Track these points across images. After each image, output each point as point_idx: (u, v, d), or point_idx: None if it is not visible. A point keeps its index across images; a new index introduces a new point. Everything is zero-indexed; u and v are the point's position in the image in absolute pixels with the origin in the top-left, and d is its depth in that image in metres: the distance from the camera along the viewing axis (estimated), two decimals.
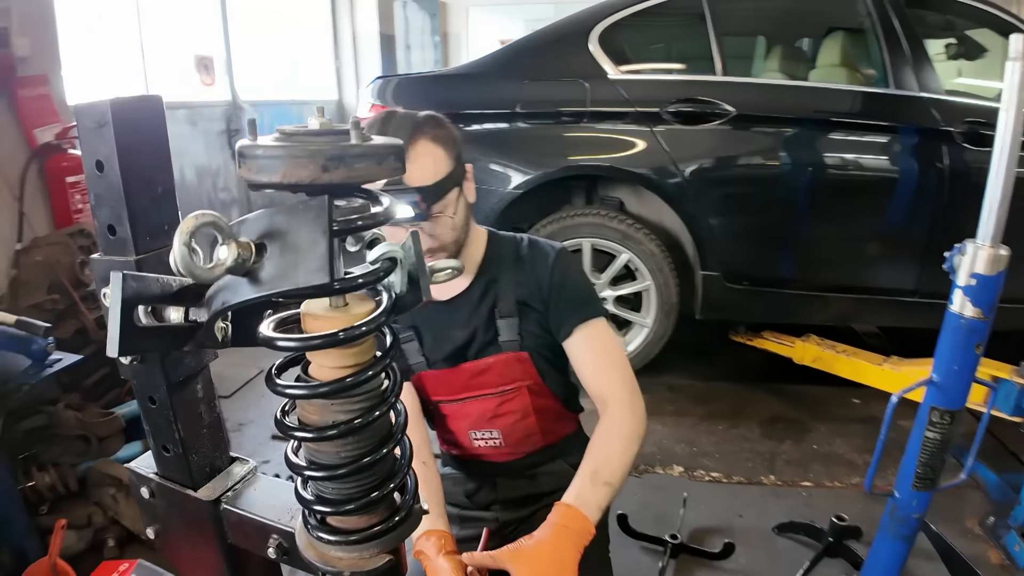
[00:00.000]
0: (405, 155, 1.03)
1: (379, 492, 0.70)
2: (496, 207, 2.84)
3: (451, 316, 1.40)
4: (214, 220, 0.54)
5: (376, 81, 3.23)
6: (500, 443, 1.46)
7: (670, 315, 2.86)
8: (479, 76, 3.05)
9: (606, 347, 1.36)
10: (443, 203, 1.23)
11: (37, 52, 2.91)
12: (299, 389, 0.65)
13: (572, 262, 1.41)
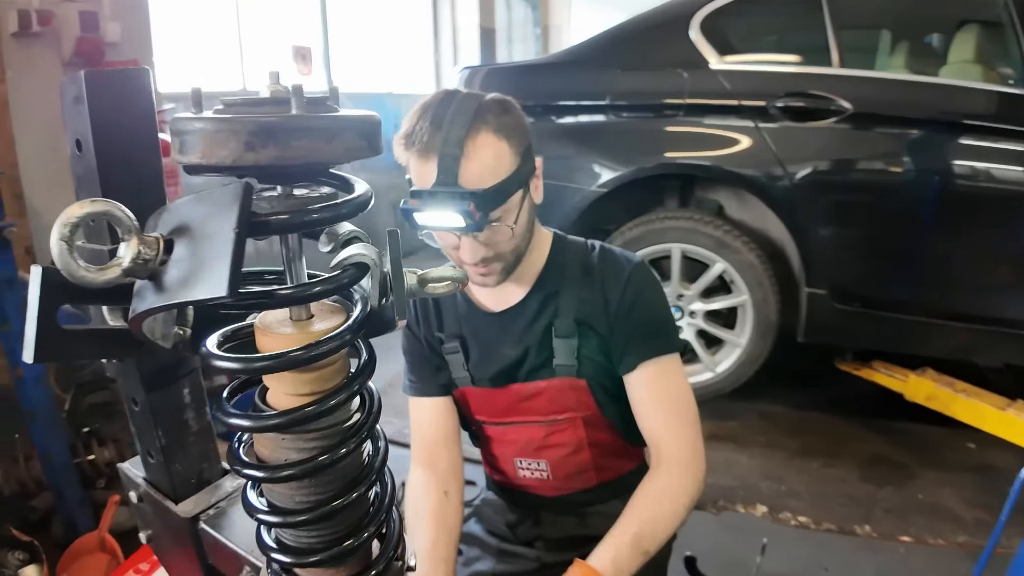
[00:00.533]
0: (462, 148, 1.00)
1: (343, 545, 0.59)
2: (578, 205, 2.69)
3: (503, 330, 1.24)
4: (108, 209, 0.43)
5: (464, 71, 3.16)
6: (548, 476, 1.30)
7: (767, 335, 2.61)
8: (568, 65, 2.91)
9: (673, 392, 1.20)
10: (503, 208, 1.05)
11: (128, 38, 3.02)
12: (238, 418, 0.54)
13: (650, 281, 1.24)
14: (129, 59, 3.04)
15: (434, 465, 1.27)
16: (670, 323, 1.25)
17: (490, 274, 1.13)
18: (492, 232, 1.07)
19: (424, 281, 0.61)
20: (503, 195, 1.03)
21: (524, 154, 1.08)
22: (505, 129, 1.05)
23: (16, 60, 2.60)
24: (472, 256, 1.09)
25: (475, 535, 1.41)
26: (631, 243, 2.64)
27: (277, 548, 0.61)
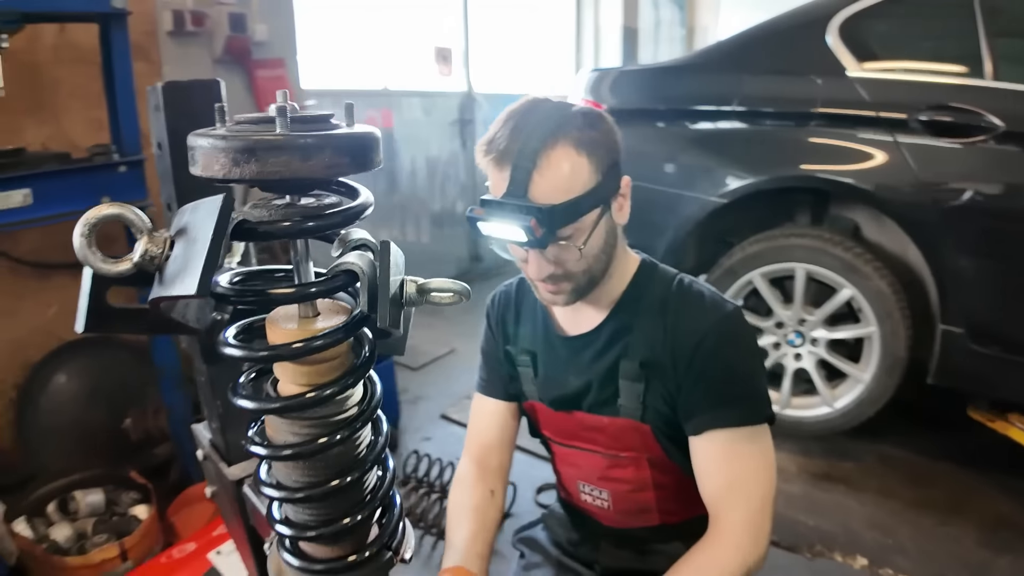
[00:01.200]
0: (535, 160, 0.94)
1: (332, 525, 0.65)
2: (696, 215, 2.60)
3: (572, 357, 1.19)
4: (122, 212, 0.52)
5: (592, 73, 3.16)
6: (608, 506, 1.25)
7: (894, 372, 2.40)
8: (695, 68, 2.83)
9: (742, 470, 1.06)
10: (574, 227, 0.99)
11: (274, 38, 3.30)
12: (243, 400, 0.61)
13: (738, 335, 1.10)
14: (274, 57, 3.33)
15: (485, 463, 1.30)
16: (756, 388, 1.10)
17: (559, 293, 1.08)
18: (560, 250, 1.02)
19: (424, 291, 0.66)
20: (574, 213, 0.98)
21: (607, 172, 1.02)
22: (587, 144, 0.99)
23: (171, 56, 2.91)
24: (538, 272, 1.05)
25: (539, 542, 1.41)
26: (752, 259, 2.53)
27: (280, 521, 0.68)
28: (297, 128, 0.53)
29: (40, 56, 2.50)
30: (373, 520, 0.70)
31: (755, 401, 1.08)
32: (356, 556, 0.67)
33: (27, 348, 2.56)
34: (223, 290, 0.58)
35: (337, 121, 0.58)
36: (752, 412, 1.07)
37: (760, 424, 1.08)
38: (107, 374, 2.58)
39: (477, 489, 1.25)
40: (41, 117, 2.55)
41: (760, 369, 1.14)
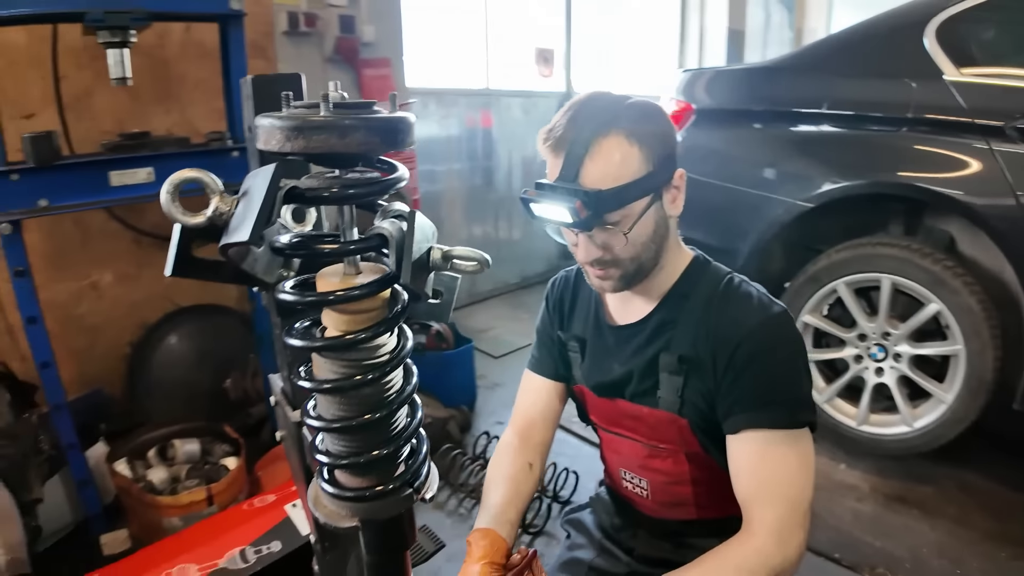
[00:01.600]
0: (587, 147, 1.02)
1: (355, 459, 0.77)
2: (781, 219, 2.57)
3: (617, 345, 1.23)
4: (199, 176, 0.65)
5: (683, 74, 3.17)
6: (647, 495, 1.29)
7: (979, 394, 2.28)
8: (785, 70, 2.79)
9: (777, 473, 1.06)
10: (622, 213, 1.04)
11: (381, 38, 3.54)
12: (290, 338, 0.74)
13: (783, 338, 1.10)
14: (381, 57, 3.56)
15: (528, 436, 1.36)
16: (797, 392, 1.09)
17: (607, 278, 1.12)
18: (607, 235, 1.07)
19: (448, 257, 0.76)
20: (622, 199, 1.03)
21: (659, 163, 1.06)
22: (639, 134, 1.04)
23: (286, 55, 3.19)
24: (585, 255, 1.10)
25: (584, 523, 1.46)
26: (837, 267, 2.48)
27: (319, 451, 0.80)
28: (339, 112, 0.65)
29: (169, 52, 2.80)
30: (399, 459, 0.80)
31: (795, 405, 1.08)
32: (380, 488, 0.78)
33: (144, 310, 2.88)
34: (281, 245, 0.71)
35: (379, 108, 0.69)
36: (791, 416, 1.07)
37: (799, 428, 1.07)
38: (213, 338, 2.87)
39: (516, 459, 1.32)
40: (168, 106, 2.86)
41: (803, 373, 1.12)
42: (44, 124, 2.42)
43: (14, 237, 1.77)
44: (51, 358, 1.90)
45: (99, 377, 2.81)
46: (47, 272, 2.62)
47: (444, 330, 3.11)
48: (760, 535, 1.03)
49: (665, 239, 1.13)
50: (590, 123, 1.03)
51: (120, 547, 2.01)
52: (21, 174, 1.76)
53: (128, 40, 1.86)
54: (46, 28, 2.35)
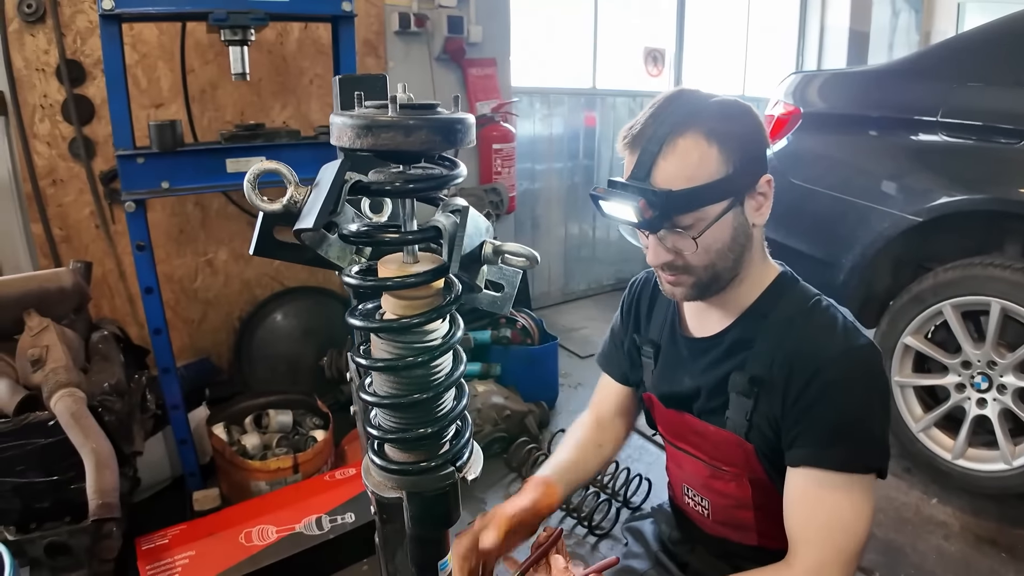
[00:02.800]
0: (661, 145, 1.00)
1: (403, 434, 0.83)
2: (887, 232, 2.44)
3: (690, 357, 1.19)
4: (276, 167, 0.72)
5: (793, 76, 3.07)
6: (708, 515, 1.25)
7: None
8: (904, 74, 2.65)
9: (830, 518, 0.99)
10: (695, 216, 0.99)
11: (488, 38, 3.64)
12: (351, 318, 0.81)
13: (864, 372, 1.02)
14: (487, 57, 3.66)
15: (602, 424, 1.39)
16: (869, 435, 1.01)
17: (678, 285, 1.08)
18: (678, 239, 1.02)
19: (499, 252, 0.81)
20: (694, 201, 0.98)
21: (742, 166, 1.00)
22: (719, 134, 0.98)
23: (396, 53, 3.34)
24: (654, 258, 1.06)
25: (643, 533, 1.45)
26: (944, 287, 2.33)
27: (372, 425, 0.87)
28: (405, 112, 0.70)
29: (288, 49, 3.00)
30: (444, 438, 0.86)
31: (865, 449, 1.01)
32: (424, 464, 0.84)
33: (254, 288, 3.12)
34: (347, 232, 0.77)
35: (443, 109, 0.75)
36: (857, 460, 1.00)
37: (864, 475, 1.00)
38: (315, 317, 3.07)
39: (589, 435, 1.36)
40: (285, 100, 3.06)
41: (881, 416, 1.03)
42: (172, 114, 2.68)
43: (138, 214, 1.97)
44: (164, 326, 2.09)
45: (208, 347, 3.07)
46: (168, 248, 2.89)
47: (530, 325, 3.17)
48: (797, 571, 0.99)
49: (746, 249, 1.07)
50: (669, 120, 0.99)
51: (210, 504, 2.19)
52: (146, 158, 1.95)
53: (248, 39, 2.02)
54: (176, 25, 2.57)
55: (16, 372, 1.66)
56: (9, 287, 1.71)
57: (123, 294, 2.81)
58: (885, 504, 2.34)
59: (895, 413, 2.48)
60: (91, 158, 2.63)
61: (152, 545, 1.78)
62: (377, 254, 0.85)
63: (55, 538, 1.62)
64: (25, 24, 2.45)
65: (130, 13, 1.90)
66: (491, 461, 2.62)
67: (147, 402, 2.05)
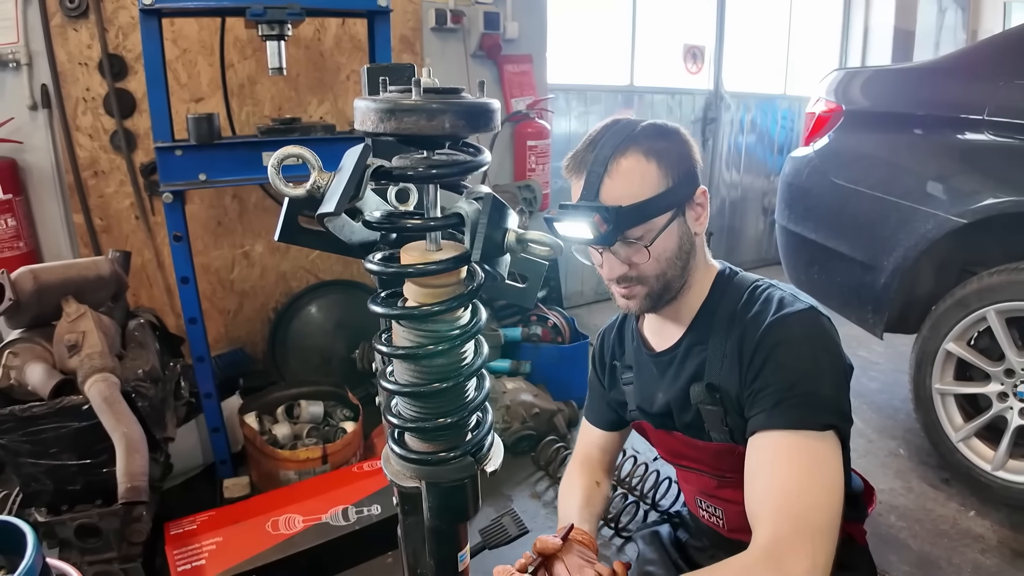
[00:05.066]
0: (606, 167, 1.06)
1: (422, 423, 0.82)
2: (930, 234, 2.35)
3: (659, 374, 1.23)
4: (301, 152, 0.72)
5: (835, 73, 3.00)
6: (723, 524, 1.27)
7: None
8: (946, 72, 2.58)
9: (786, 483, 0.95)
10: (644, 228, 1.07)
11: (525, 36, 3.63)
12: (373, 305, 0.80)
13: (806, 331, 1.04)
14: (523, 54, 3.65)
15: (588, 463, 1.41)
16: (816, 391, 1.00)
17: (632, 297, 1.14)
18: (630, 251, 1.09)
19: (522, 240, 0.79)
20: (642, 215, 1.05)
21: (679, 179, 1.08)
22: (656, 152, 1.07)
23: (432, 49, 3.35)
24: (609, 272, 1.12)
25: (660, 538, 1.45)
26: (988, 292, 2.24)
27: (392, 413, 0.86)
28: (428, 96, 0.69)
29: (325, 45, 3.03)
30: (463, 429, 0.84)
31: (823, 403, 0.99)
32: (442, 453, 0.83)
33: (290, 280, 3.16)
34: (370, 218, 0.77)
35: (467, 94, 0.74)
36: (808, 416, 0.98)
37: (819, 431, 0.97)
38: (348, 310, 3.10)
39: (585, 480, 1.38)
40: (322, 95, 3.09)
41: (827, 371, 1.02)
42: (211, 108, 2.72)
43: (175, 206, 2.00)
44: (199, 315, 2.12)
45: (243, 337, 3.11)
46: (206, 239, 2.93)
47: (561, 324, 3.14)
48: (752, 553, 0.93)
49: (691, 256, 1.14)
50: (608, 144, 1.07)
51: (240, 492, 2.22)
52: (184, 150, 1.98)
53: (285, 34, 2.04)
54: (215, 20, 2.60)
55: (53, 357, 1.70)
56: (49, 274, 1.75)
57: (161, 284, 2.86)
58: (922, 515, 2.27)
59: (933, 420, 2.40)
60: (132, 150, 2.69)
61: (181, 530, 1.81)
62: (400, 241, 0.85)
63: (85, 520, 1.65)
64: (68, 19, 2.51)
65: (170, 8, 1.92)
66: (519, 459, 2.60)
67: (181, 390, 2.08)
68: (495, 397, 2.69)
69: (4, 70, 2.49)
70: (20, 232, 2.49)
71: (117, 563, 1.71)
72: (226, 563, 1.70)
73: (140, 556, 1.73)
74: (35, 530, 0.91)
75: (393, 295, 0.85)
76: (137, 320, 2.05)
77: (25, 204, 2.55)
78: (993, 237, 2.33)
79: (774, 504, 0.94)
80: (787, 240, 3.08)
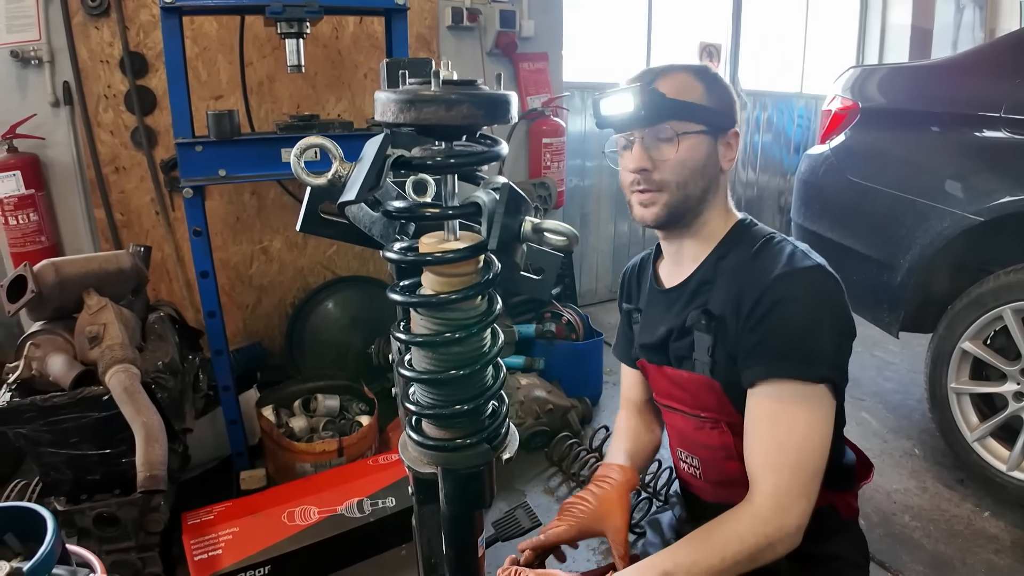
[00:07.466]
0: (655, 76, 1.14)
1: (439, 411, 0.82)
2: (945, 232, 2.33)
3: (665, 308, 1.26)
4: (322, 143, 0.73)
5: (852, 71, 2.98)
6: (700, 475, 1.29)
7: None
8: (963, 69, 2.55)
9: (789, 425, 1.03)
10: (678, 125, 1.11)
11: (540, 34, 3.63)
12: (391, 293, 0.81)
13: (811, 288, 1.06)
14: (538, 52, 3.64)
15: (643, 411, 1.44)
16: (817, 345, 1.03)
17: (651, 204, 1.16)
18: (660, 148, 1.12)
19: (539, 230, 0.79)
20: (681, 111, 1.11)
21: (719, 106, 1.14)
22: (704, 76, 1.15)
23: (448, 47, 3.36)
24: (635, 162, 1.14)
25: (661, 524, 1.47)
26: (1005, 290, 2.21)
27: (409, 400, 0.87)
28: (447, 87, 0.70)
29: (343, 43, 3.04)
30: (479, 416, 0.85)
31: (821, 356, 1.03)
32: (459, 440, 0.83)
33: (308, 276, 3.18)
34: (391, 208, 0.77)
35: (485, 86, 0.74)
36: (808, 368, 1.02)
37: (815, 384, 1.03)
38: (364, 306, 3.11)
39: (635, 422, 1.42)
40: (340, 93, 3.11)
41: (829, 329, 1.05)
42: (231, 106, 2.74)
43: (195, 201, 2.02)
44: (218, 309, 2.14)
45: (261, 332, 3.14)
46: (225, 235, 2.96)
47: (575, 321, 3.14)
48: (757, 501, 1.02)
49: (714, 183, 1.17)
50: (663, 66, 1.16)
51: (256, 484, 2.24)
52: (204, 146, 2.00)
53: (303, 31, 2.05)
54: (235, 19, 2.63)
55: (74, 348, 1.72)
56: (71, 267, 1.77)
57: (180, 279, 2.89)
58: (936, 515, 2.25)
59: (948, 420, 2.38)
60: (152, 147, 2.72)
61: (198, 520, 1.83)
62: (419, 231, 0.85)
63: (104, 510, 1.67)
64: (89, 17, 2.55)
65: (190, 6, 1.95)
66: (532, 455, 2.61)
67: (199, 382, 2.10)
68: (509, 393, 2.69)
69: (26, 67, 2.53)
70: (42, 227, 2.53)
71: (135, 552, 1.73)
72: (242, 553, 1.71)
73: (157, 546, 1.75)
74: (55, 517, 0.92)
75: (411, 284, 0.86)
76: (157, 313, 2.08)
77: (47, 199, 2.59)
78: (1010, 235, 2.30)
79: (777, 455, 1.03)
80: (803, 238, 3.04)
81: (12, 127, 2.44)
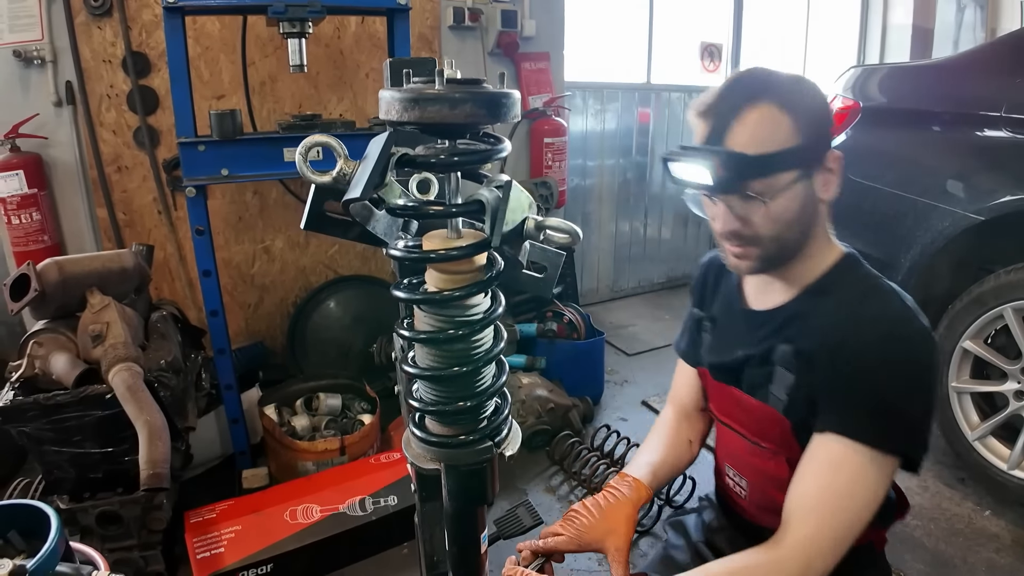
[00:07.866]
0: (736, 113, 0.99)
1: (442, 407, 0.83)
2: (946, 231, 2.34)
3: (747, 330, 1.17)
4: (327, 141, 0.73)
5: (853, 70, 2.98)
6: (745, 496, 1.24)
7: None
8: (963, 69, 2.55)
9: (839, 490, 0.97)
10: (765, 183, 0.98)
11: (542, 34, 3.63)
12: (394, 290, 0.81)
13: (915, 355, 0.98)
14: (540, 51, 3.64)
15: (691, 420, 1.37)
16: (905, 416, 0.98)
17: (744, 258, 1.07)
18: (747, 207, 1.01)
19: (542, 227, 0.80)
20: (767, 167, 0.97)
21: (811, 138, 1.00)
22: (792, 104, 0.98)
23: (450, 47, 3.37)
24: (723, 226, 1.05)
25: (686, 526, 1.43)
26: (1006, 289, 2.21)
27: (412, 397, 0.87)
28: (451, 86, 0.70)
29: (345, 43, 3.04)
30: (482, 413, 0.85)
31: (899, 431, 0.98)
32: (462, 437, 0.83)
33: (309, 275, 3.18)
34: (393, 205, 0.78)
35: (488, 85, 0.74)
36: (889, 439, 0.97)
37: (888, 455, 0.97)
38: (366, 305, 3.11)
39: (678, 434, 1.35)
40: (342, 93, 3.11)
41: (922, 402, 1.00)
42: (233, 105, 2.74)
43: (198, 200, 2.02)
44: (220, 308, 2.15)
45: (263, 331, 3.14)
46: (227, 234, 2.96)
47: (576, 320, 3.15)
48: (785, 550, 0.96)
49: (813, 224, 1.06)
50: (743, 92, 1.00)
51: (259, 483, 2.24)
52: (207, 146, 2.00)
53: (305, 31, 2.05)
54: (237, 18, 2.63)
55: (77, 347, 1.72)
56: (74, 266, 1.78)
57: (183, 278, 2.90)
58: (937, 514, 2.25)
59: (949, 419, 2.38)
60: (155, 147, 2.72)
61: (200, 519, 1.83)
62: (422, 229, 0.86)
63: (107, 508, 1.67)
64: (92, 17, 2.55)
65: (192, 6, 1.95)
66: (533, 454, 2.61)
67: (202, 381, 2.10)
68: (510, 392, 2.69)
69: (29, 67, 2.53)
70: (45, 226, 2.53)
71: (137, 550, 1.73)
72: (244, 551, 1.72)
73: (160, 544, 1.75)
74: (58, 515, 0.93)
75: (415, 282, 0.86)
76: (159, 312, 2.08)
77: (50, 198, 2.59)
78: (1010, 234, 2.30)
79: (823, 507, 0.97)
80: None
81: (15, 127, 2.45)
